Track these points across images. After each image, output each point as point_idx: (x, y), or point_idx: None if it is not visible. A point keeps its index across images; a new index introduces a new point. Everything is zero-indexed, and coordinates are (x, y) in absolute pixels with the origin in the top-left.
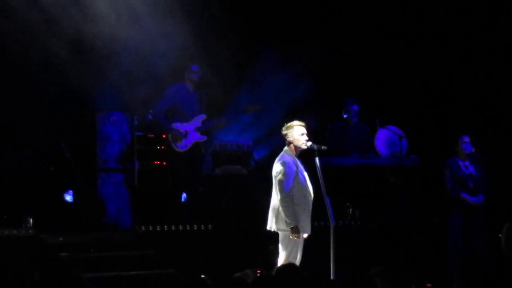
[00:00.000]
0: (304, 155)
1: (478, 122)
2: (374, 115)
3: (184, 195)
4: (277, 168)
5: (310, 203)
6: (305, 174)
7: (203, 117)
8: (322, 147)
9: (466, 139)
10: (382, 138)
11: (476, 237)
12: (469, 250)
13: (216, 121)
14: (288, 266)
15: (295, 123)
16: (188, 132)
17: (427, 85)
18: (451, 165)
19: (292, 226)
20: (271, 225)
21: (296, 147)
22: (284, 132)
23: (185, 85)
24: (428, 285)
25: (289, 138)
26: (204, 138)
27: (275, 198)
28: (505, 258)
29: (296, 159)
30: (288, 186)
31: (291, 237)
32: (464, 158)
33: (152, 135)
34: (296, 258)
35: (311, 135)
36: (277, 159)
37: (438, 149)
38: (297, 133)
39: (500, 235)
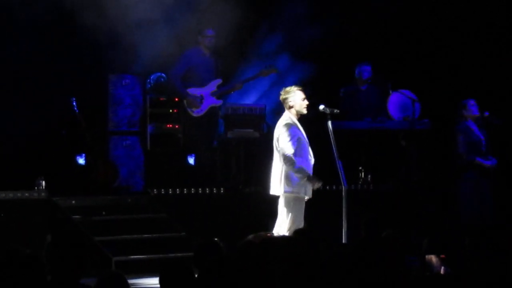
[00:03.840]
0: (317, 119)
1: (489, 85)
2: (387, 79)
3: (192, 158)
4: (280, 131)
5: (311, 167)
6: (306, 137)
7: (218, 81)
8: (335, 111)
9: (473, 102)
10: (395, 102)
11: (487, 200)
12: (480, 213)
13: (231, 85)
14: (304, 230)
15: (295, 87)
16: (204, 97)
17: (440, 49)
18: (465, 130)
19: (308, 176)
20: (275, 189)
21: (297, 111)
22: (283, 96)
23: (201, 49)
24: (442, 256)
25: (290, 103)
26: (220, 102)
27: (278, 162)
28: None
29: (298, 123)
30: (293, 147)
31: (314, 187)
32: (475, 121)
33: (165, 98)
34: (302, 222)
35: (324, 99)
36: (278, 123)
37: (451, 113)
38: (298, 97)
39: None
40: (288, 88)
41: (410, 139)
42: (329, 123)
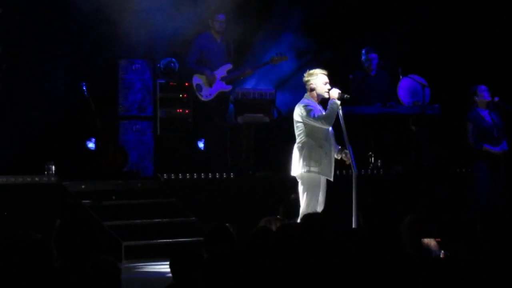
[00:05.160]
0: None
1: (500, 70)
2: (397, 64)
3: (202, 143)
4: (298, 110)
5: (332, 148)
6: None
7: (228, 66)
8: (345, 96)
9: (484, 87)
10: (405, 87)
11: (499, 186)
12: (493, 199)
13: (242, 71)
14: (313, 215)
15: (319, 70)
16: (216, 79)
17: (450, 34)
18: (474, 118)
19: (331, 105)
20: (293, 170)
21: (318, 95)
22: (306, 79)
23: (210, 34)
24: (438, 239)
25: (312, 85)
26: (229, 87)
27: (296, 144)
28: None
29: (318, 105)
30: (318, 113)
31: (338, 95)
32: (485, 107)
33: (175, 83)
34: (317, 204)
35: (333, 84)
36: (297, 105)
37: (461, 98)
38: (320, 81)
39: None
40: (311, 71)
41: (420, 124)
42: (340, 108)
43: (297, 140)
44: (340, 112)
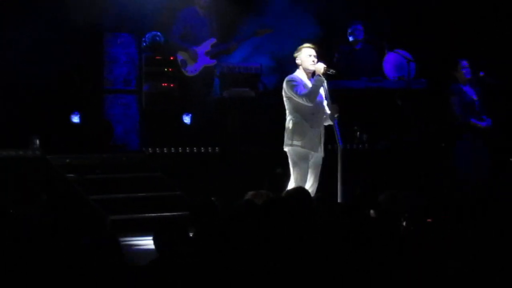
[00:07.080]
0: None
1: (485, 44)
2: (382, 38)
3: (188, 117)
4: (284, 84)
5: (319, 123)
6: (322, 94)
7: (213, 41)
8: (330, 71)
9: (466, 63)
10: (390, 62)
11: (483, 160)
12: (476, 174)
13: (226, 45)
14: (297, 189)
15: (304, 45)
16: (198, 55)
17: (435, 8)
18: (457, 91)
19: (315, 83)
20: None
21: (304, 69)
22: (294, 55)
23: (195, 8)
24: (428, 220)
25: (298, 61)
26: (214, 62)
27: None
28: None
29: (306, 80)
30: (301, 91)
31: (323, 70)
32: (465, 83)
33: (160, 57)
34: (305, 179)
35: (320, 58)
36: (285, 78)
37: (446, 73)
38: (304, 54)
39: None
40: (299, 47)
41: (406, 98)
42: (325, 83)
43: (286, 114)
44: (325, 85)
